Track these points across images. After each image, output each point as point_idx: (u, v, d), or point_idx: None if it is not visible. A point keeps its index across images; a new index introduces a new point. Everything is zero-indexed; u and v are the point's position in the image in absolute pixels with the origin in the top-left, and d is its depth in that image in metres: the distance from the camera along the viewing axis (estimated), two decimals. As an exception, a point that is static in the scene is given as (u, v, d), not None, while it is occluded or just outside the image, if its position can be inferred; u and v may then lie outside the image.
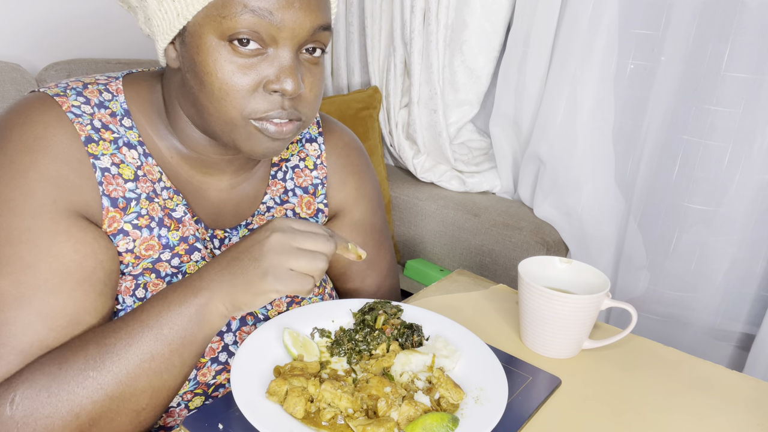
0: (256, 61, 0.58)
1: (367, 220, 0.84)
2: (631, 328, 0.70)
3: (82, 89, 0.64)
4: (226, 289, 0.56)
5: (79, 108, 0.62)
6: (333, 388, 0.54)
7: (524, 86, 1.59)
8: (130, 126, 0.66)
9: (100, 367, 0.54)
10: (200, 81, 0.59)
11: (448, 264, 1.68)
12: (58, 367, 0.54)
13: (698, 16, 1.27)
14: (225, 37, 0.57)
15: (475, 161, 1.80)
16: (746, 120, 1.27)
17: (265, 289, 0.55)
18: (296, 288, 0.56)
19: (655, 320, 1.49)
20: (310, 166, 0.80)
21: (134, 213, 0.64)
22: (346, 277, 0.85)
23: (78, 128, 0.61)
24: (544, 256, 0.75)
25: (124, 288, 0.64)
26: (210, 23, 0.57)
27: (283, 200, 0.77)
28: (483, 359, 0.63)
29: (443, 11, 1.61)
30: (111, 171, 0.63)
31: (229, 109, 0.59)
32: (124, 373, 0.54)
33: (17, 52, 1.26)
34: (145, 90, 0.68)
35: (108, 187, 0.62)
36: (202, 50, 0.58)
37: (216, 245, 0.71)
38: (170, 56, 0.62)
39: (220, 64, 0.58)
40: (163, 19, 0.59)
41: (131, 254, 0.64)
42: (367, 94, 1.79)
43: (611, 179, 1.49)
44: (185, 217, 0.67)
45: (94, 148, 0.62)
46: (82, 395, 0.53)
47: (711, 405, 0.64)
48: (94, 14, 1.37)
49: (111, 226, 0.62)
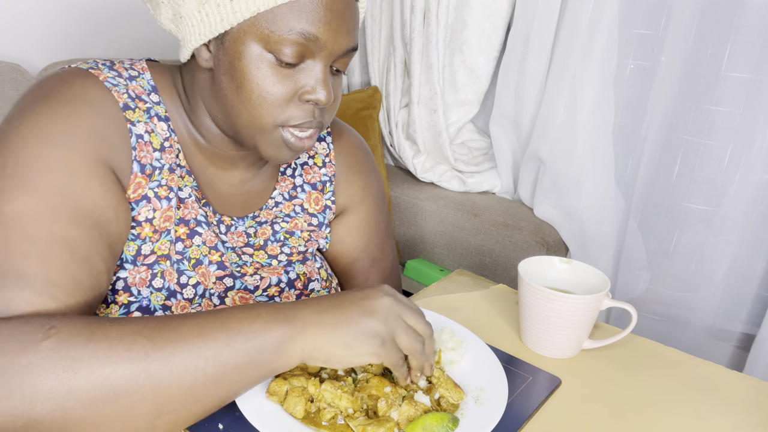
0: (293, 72, 0.61)
1: (372, 218, 0.85)
2: (631, 328, 0.70)
3: (111, 65, 0.66)
4: (321, 333, 0.52)
5: (114, 79, 0.64)
6: (333, 388, 0.54)
7: (524, 86, 1.59)
8: (157, 101, 0.67)
9: (155, 339, 0.48)
10: (237, 85, 0.61)
11: (448, 264, 1.68)
12: (110, 323, 0.49)
13: (698, 16, 1.27)
14: (269, 49, 0.59)
15: (475, 161, 1.80)
16: (746, 120, 1.27)
17: (367, 350, 0.52)
18: (395, 362, 0.54)
19: (655, 320, 1.49)
20: (318, 163, 0.81)
21: (156, 182, 0.65)
22: (349, 274, 0.85)
23: (116, 96, 0.63)
24: (544, 256, 0.75)
25: (139, 279, 0.64)
26: (256, 32, 0.59)
27: (292, 196, 0.79)
28: (483, 359, 0.63)
29: (443, 11, 1.61)
30: (144, 138, 0.64)
31: (263, 115, 0.62)
32: (177, 357, 0.48)
33: (17, 52, 1.27)
34: (168, 76, 0.70)
35: (140, 153, 0.63)
36: (244, 57, 0.60)
37: (222, 230, 0.72)
38: (202, 56, 0.63)
39: (262, 73, 0.60)
40: (202, 21, 0.60)
41: (150, 225, 0.64)
42: (367, 94, 1.79)
43: (611, 179, 1.49)
44: (189, 199, 0.68)
45: (131, 114, 0.63)
46: (121, 355, 0.47)
47: (711, 405, 0.64)
48: (94, 14, 1.37)
49: (136, 192, 0.63)
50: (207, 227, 0.69)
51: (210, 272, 0.69)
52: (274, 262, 0.75)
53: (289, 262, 0.76)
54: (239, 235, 0.73)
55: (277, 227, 0.76)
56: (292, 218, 0.78)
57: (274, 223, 0.76)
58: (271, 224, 0.76)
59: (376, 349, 0.52)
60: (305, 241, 0.79)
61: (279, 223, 0.77)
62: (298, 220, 0.78)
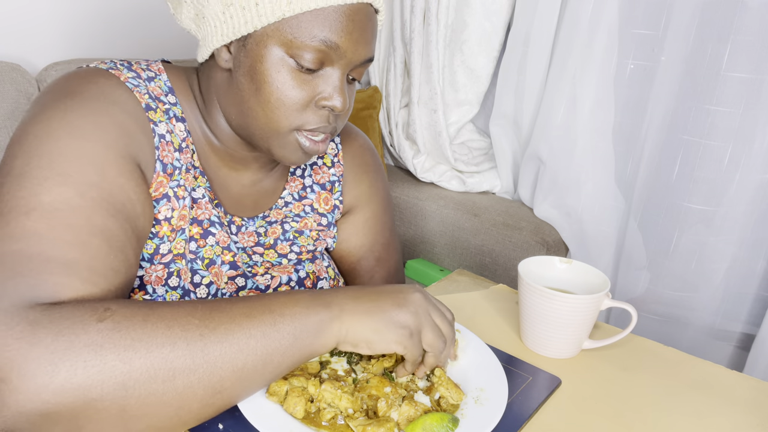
0: (311, 78, 0.63)
1: (378, 218, 0.86)
2: (631, 328, 0.70)
3: (129, 66, 0.66)
4: (356, 318, 0.54)
5: (135, 79, 0.65)
6: (333, 388, 0.54)
7: (524, 86, 1.59)
8: (174, 102, 0.68)
9: (208, 321, 0.49)
10: (257, 88, 0.62)
11: (448, 264, 1.68)
12: (163, 305, 0.50)
13: (698, 16, 1.27)
14: (290, 54, 0.61)
15: (475, 161, 1.80)
16: (746, 120, 1.27)
17: (395, 338, 0.55)
18: (415, 355, 0.56)
19: (655, 320, 1.49)
20: (327, 163, 0.82)
21: (176, 181, 0.65)
22: (355, 272, 0.86)
23: (138, 96, 0.63)
24: (544, 256, 0.75)
25: (155, 278, 0.64)
26: (279, 37, 0.60)
27: (302, 196, 0.80)
28: (483, 359, 0.64)
29: (443, 11, 1.61)
30: (166, 138, 0.65)
31: (280, 118, 0.63)
32: (229, 337, 0.49)
33: (17, 52, 1.26)
34: (183, 77, 0.71)
35: (162, 153, 0.64)
36: (265, 60, 0.61)
37: (233, 231, 0.73)
38: (222, 57, 0.63)
39: (282, 77, 0.61)
40: (225, 23, 0.61)
41: (168, 224, 0.64)
42: (367, 94, 1.79)
43: (611, 179, 1.49)
44: (203, 199, 0.69)
45: (153, 115, 0.64)
46: (178, 336, 0.48)
47: (711, 405, 0.64)
48: (95, 14, 1.37)
49: (158, 190, 0.63)
50: (220, 227, 0.70)
51: (222, 272, 0.69)
52: (284, 261, 0.76)
53: (298, 260, 0.77)
54: (250, 235, 0.74)
55: (287, 227, 0.77)
56: (302, 218, 0.79)
57: (283, 222, 0.77)
58: (281, 224, 0.77)
59: (403, 339, 0.55)
60: (314, 240, 0.79)
61: (289, 223, 0.77)
62: (307, 219, 0.79)
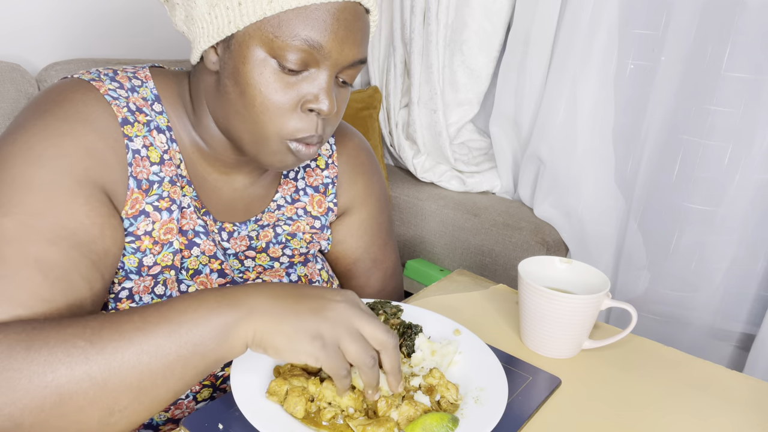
0: (297, 80, 0.61)
1: (374, 219, 0.85)
2: (631, 328, 0.70)
3: (113, 75, 0.66)
4: (266, 320, 0.50)
5: (115, 91, 0.64)
6: (333, 387, 0.54)
7: (524, 86, 1.59)
8: (160, 111, 0.67)
9: (95, 341, 0.48)
10: (241, 90, 0.61)
11: (448, 264, 1.68)
12: (51, 327, 0.49)
13: (698, 16, 1.27)
14: (273, 54, 0.59)
15: (475, 161, 1.80)
16: (746, 120, 1.27)
17: (306, 349, 0.49)
18: (335, 369, 0.50)
19: (655, 320, 1.49)
20: (321, 165, 0.81)
21: (155, 195, 0.64)
22: (351, 274, 0.85)
23: (116, 110, 0.62)
24: (544, 256, 0.75)
25: (143, 287, 0.64)
26: (261, 37, 0.59)
27: (294, 199, 0.79)
28: (483, 359, 0.63)
29: (443, 11, 1.61)
30: (141, 153, 0.64)
31: (266, 124, 0.61)
32: (118, 356, 0.47)
33: (17, 52, 1.26)
34: (172, 83, 0.70)
35: (136, 169, 0.63)
36: (248, 61, 0.59)
37: (224, 237, 0.72)
38: (209, 59, 0.63)
39: (265, 78, 0.60)
40: (211, 23, 0.60)
41: (149, 238, 0.64)
42: (367, 94, 1.79)
43: (611, 179, 1.49)
44: (188, 209, 0.68)
45: (129, 129, 0.63)
46: (61, 361, 0.47)
47: (711, 405, 0.64)
48: (95, 14, 1.37)
49: (133, 207, 0.63)
50: (206, 237, 0.69)
51: (212, 280, 0.69)
52: (276, 265, 0.75)
53: (290, 264, 0.76)
54: (242, 239, 0.73)
55: (279, 230, 0.76)
56: (295, 221, 0.78)
57: (276, 225, 0.76)
58: (273, 227, 0.76)
59: (315, 351, 0.49)
60: (307, 243, 0.79)
61: (281, 226, 0.77)
62: (300, 222, 0.78)
